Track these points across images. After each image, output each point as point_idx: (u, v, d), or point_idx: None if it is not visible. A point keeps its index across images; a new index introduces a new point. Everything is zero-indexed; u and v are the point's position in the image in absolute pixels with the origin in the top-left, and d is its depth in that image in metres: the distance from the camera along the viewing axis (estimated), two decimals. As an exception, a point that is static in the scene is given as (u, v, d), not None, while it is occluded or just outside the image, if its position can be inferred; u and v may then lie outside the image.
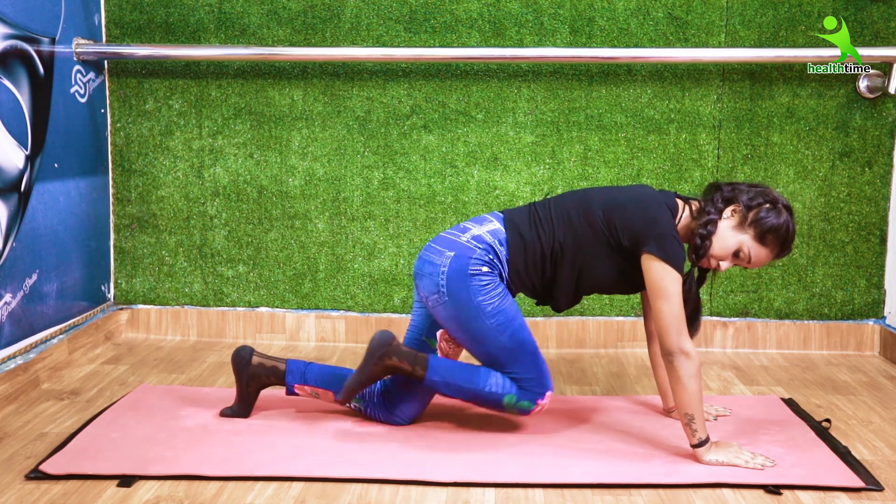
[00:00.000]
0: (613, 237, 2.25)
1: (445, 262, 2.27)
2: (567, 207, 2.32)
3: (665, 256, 2.16)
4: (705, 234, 2.21)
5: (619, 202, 2.28)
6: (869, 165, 3.21)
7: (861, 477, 2.10)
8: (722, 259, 2.24)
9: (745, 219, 2.20)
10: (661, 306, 2.15)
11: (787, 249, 2.23)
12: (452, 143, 3.24)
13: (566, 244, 2.28)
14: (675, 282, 2.15)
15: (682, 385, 2.13)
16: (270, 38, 3.22)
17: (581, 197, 2.34)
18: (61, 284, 2.95)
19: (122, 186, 3.32)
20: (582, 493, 2.04)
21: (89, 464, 2.11)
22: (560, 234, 2.29)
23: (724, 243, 2.22)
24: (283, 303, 3.34)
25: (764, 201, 2.21)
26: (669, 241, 2.18)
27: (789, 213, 2.21)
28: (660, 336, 2.16)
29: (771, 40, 3.16)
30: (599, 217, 2.27)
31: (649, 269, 2.18)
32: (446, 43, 3.18)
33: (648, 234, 2.19)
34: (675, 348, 2.13)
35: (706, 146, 3.21)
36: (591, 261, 2.28)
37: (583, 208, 2.30)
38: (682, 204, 2.31)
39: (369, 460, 2.17)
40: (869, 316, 3.28)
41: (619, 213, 2.26)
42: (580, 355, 3.21)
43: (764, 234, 2.19)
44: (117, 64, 3.26)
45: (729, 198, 2.23)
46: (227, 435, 2.32)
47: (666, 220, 2.22)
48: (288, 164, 3.27)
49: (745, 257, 2.22)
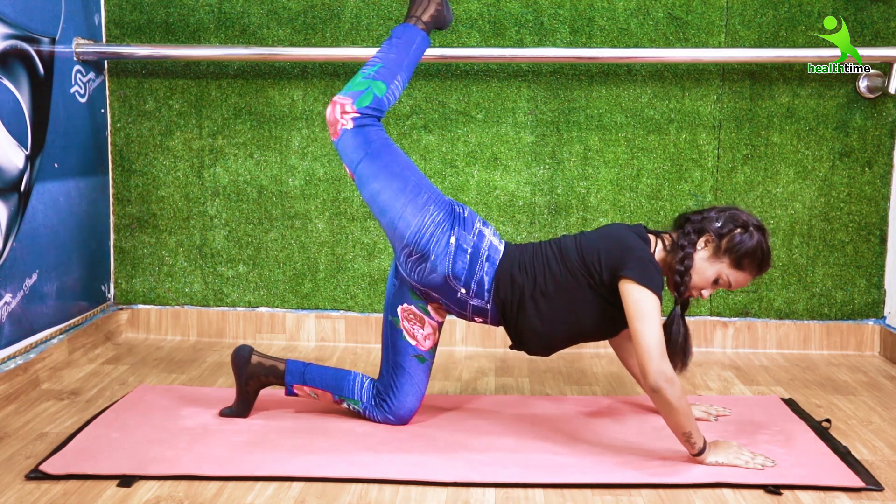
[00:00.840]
0: (593, 277, 2.24)
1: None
2: (546, 255, 2.32)
3: (642, 279, 2.15)
4: (683, 269, 2.22)
5: (591, 242, 2.29)
6: (869, 165, 3.21)
7: (861, 477, 2.10)
8: (703, 289, 2.26)
9: (719, 248, 2.21)
10: (640, 328, 2.12)
11: (766, 268, 2.25)
12: (452, 143, 3.24)
13: (548, 292, 2.28)
14: (654, 304, 2.14)
15: (674, 410, 2.10)
16: (270, 38, 3.23)
17: (557, 244, 2.34)
18: (61, 284, 2.95)
19: (122, 186, 3.32)
20: (582, 493, 2.04)
21: (89, 464, 2.11)
22: (542, 281, 2.28)
23: (702, 275, 2.23)
24: (283, 303, 3.34)
25: (734, 227, 2.21)
26: (646, 265, 2.17)
27: (761, 234, 2.22)
28: (641, 363, 2.12)
29: (771, 40, 3.16)
30: (576, 260, 2.27)
31: (627, 293, 2.16)
32: (446, 43, 3.19)
33: (625, 261, 2.19)
34: (659, 376, 2.08)
35: (706, 146, 3.22)
36: (575, 307, 2.27)
37: (560, 256, 2.30)
38: (654, 238, 2.32)
39: (369, 460, 2.17)
40: (869, 316, 3.28)
41: (593, 251, 2.26)
42: (580, 355, 3.21)
43: (739, 260, 2.21)
44: (117, 64, 3.26)
45: (699, 228, 2.24)
46: (227, 435, 2.32)
47: (640, 246, 2.22)
48: (288, 164, 3.27)
49: (724, 283, 2.24)
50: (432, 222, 2.28)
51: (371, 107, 2.34)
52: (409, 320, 2.37)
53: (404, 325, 2.37)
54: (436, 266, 2.27)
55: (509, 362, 3.12)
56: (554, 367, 3.05)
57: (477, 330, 3.27)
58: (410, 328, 2.37)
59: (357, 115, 2.32)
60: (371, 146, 2.31)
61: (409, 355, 2.37)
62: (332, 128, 2.34)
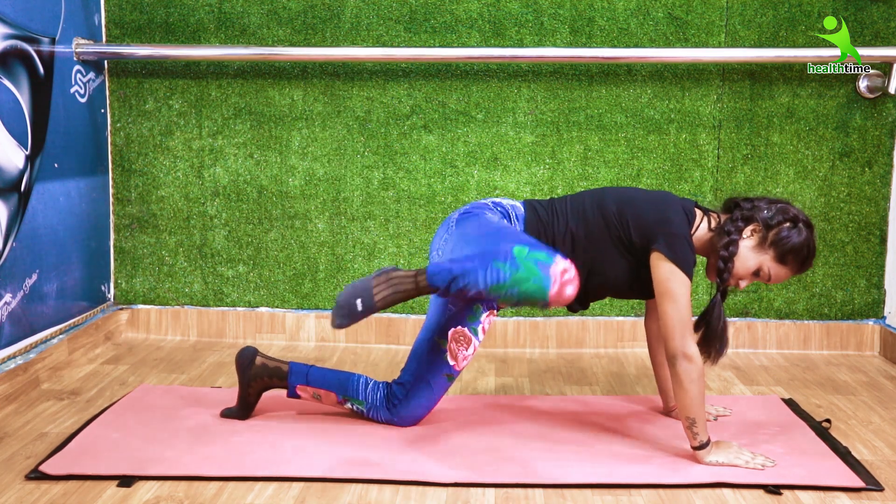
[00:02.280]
0: (625, 233, 2.22)
1: (462, 209, 2.33)
2: (583, 200, 2.31)
3: (674, 257, 2.13)
4: (727, 255, 2.18)
5: (634, 199, 2.26)
6: (869, 165, 3.21)
7: (861, 477, 2.10)
8: (742, 279, 2.23)
9: (765, 239, 2.18)
10: (667, 308, 2.13)
11: (808, 266, 2.22)
12: (452, 143, 3.24)
13: (577, 235, 2.25)
14: (683, 284, 2.13)
15: (684, 389, 2.12)
16: (270, 38, 3.23)
17: (598, 192, 2.33)
18: (61, 284, 2.95)
19: (122, 186, 3.32)
20: (582, 493, 2.04)
21: (89, 464, 2.11)
22: (573, 223, 2.26)
23: (744, 264, 2.20)
24: (283, 303, 3.34)
25: (784, 219, 2.18)
26: (680, 242, 2.15)
27: (810, 231, 2.19)
28: (665, 338, 2.15)
29: (771, 40, 3.16)
30: (612, 211, 2.25)
31: (657, 269, 2.16)
32: (446, 43, 3.19)
33: (659, 232, 2.17)
34: (679, 352, 2.12)
35: (706, 146, 3.22)
36: (602, 258, 2.25)
37: (597, 202, 2.28)
38: (702, 214, 2.28)
39: (369, 460, 2.17)
40: (869, 316, 3.28)
41: (632, 208, 2.23)
42: (580, 355, 3.21)
43: (784, 255, 2.18)
44: (117, 64, 3.26)
45: (748, 216, 2.20)
46: (227, 435, 2.32)
47: (679, 221, 2.19)
48: (288, 164, 3.27)
49: (764, 276, 2.21)
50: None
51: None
52: (458, 342, 2.33)
53: (451, 346, 2.33)
54: None
55: (509, 362, 3.12)
56: (554, 367, 3.05)
57: (477, 330, 3.27)
58: (456, 349, 2.33)
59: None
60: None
61: (442, 374, 2.34)
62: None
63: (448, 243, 2.27)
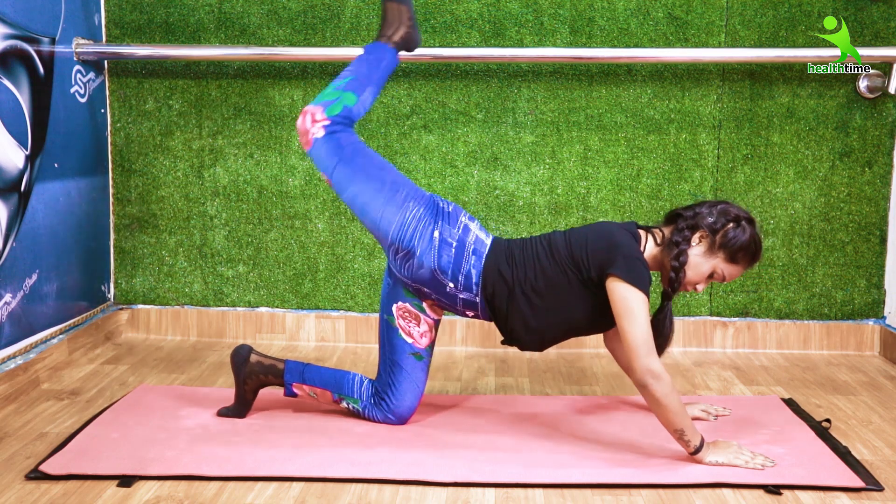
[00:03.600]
0: (581, 273, 2.25)
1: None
2: (536, 250, 2.33)
3: (629, 277, 2.16)
4: (678, 265, 2.24)
5: (581, 238, 2.30)
6: (869, 165, 3.21)
7: (861, 477, 2.10)
8: (698, 283, 2.29)
9: (714, 243, 2.24)
10: (627, 328, 2.14)
11: (758, 260, 2.29)
12: (452, 143, 3.24)
13: (538, 287, 2.28)
14: (641, 302, 2.15)
15: (662, 406, 2.12)
16: (270, 38, 3.23)
17: (546, 241, 2.35)
18: (61, 284, 2.95)
19: (122, 186, 3.32)
20: (582, 493, 2.04)
21: (89, 464, 2.11)
22: (532, 276, 2.29)
23: (697, 270, 2.26)
24: (283, 303, 3.34)
25: (727, 221, 2.24)
26: (633, 262, 2.18)
27: (752, 226, 2.25)
28: (629, 361, 2.15)
29: (771, 40, 3.16)
30: (565, 255, 2.28)
31: (614, 291, 2.18)
32: (446, 43, 3.19)
33: (612, 258, 2.20)
34: (646, 370, 2.11)
35: (706, 146, 3.22)
36: (565, 302, 2.28)
37: (549, 250, 2.31)
38: (644, 233, 2.33)
39: (369, 460, 2.17)
40: (869, 316, 3.28)
41: (581, 247, 2.27)
42: (580, 355, 3.21)
43: (734, 254, 2.24)
44: (117, 64, 3.26)
45: (693, 224, 2.25)
46: (227, 435, 2.32)
47: (628, 243, 2.23)
48: (288, 164, 3.27)
49: (719, 277, 2.28)
50: (413, 218, 2.29)
51: (341, 115, 2.35)
52: (405, 318, 2.38)
53: (399, 323, 2.38)
54: (422, 261, 2.28)
55: (509, 362, 3.12)
56: (554, 367, 3.05)
57: (477, 330, 3.27)
58: (406, 326, 2.38)
59: (327, 122, 2.33)
60: (343, 151, 2.32)
61: (406, 353, 2.37)
62: (304, 137, 2.35)
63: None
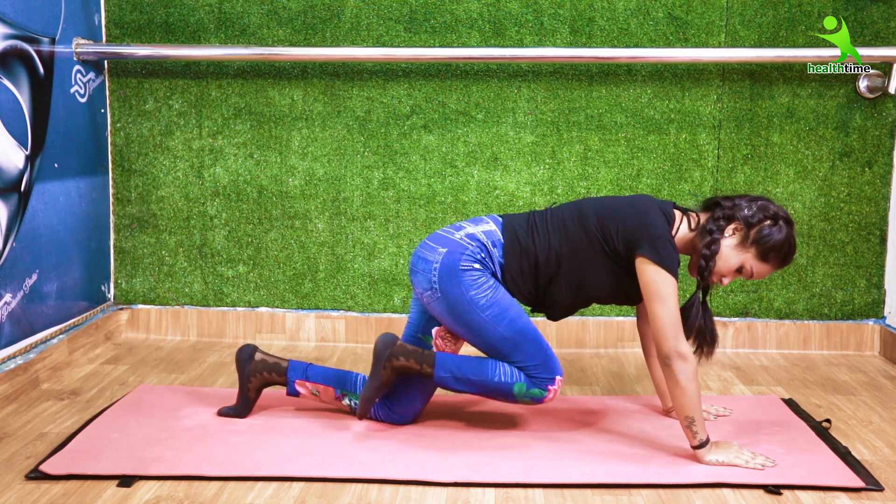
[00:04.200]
0: (609, 244, 2.24)
1: (437, 259, 2.28)
2: (563, 216, 2.32)
3: (659, 259, 2.15)
4: (709, 254, 2.21)
5: (613, 208, 2.28)
6: (869, 165, 3.21)
7: (861, 477, 2.10)
8: (725, 276, 2.25)
9: (747, 237, 2.21)
10: (656, 309, 2.15)
11: (789, 262, 2.25)
12: (452, 143, 3.24)
13: (563, 253, 2.27)
14: (670, 284, 2.15)
15: (680, 388, 2.13)
16: (270, 38, 3.23)
17: (576, 206, 2.34)
18: (61, 284, 2.95)
19: (122, 186, 3.32)
20: (582, 493, 2.04)
21: (89, 464, 2.11)
22: (556, 242, 2.28)
23: (726, 262, 2.22)
24: (283, 303, 3.34)
25: (764, 217, 2.20)
26: (663, 244, 2.17)
27: (790, 228, 2.21)
28: (656, 340, 2.16)
29: (771, 40, 3.16)
30: (594, 224, 2.26)
31: (643, 273, 2.18)
32: (446, 43, 3.19)
33: (642, 237, 2.19)
34: (673, 351, 2.13)
35: (706, 146, 3.22)
36: (587, 270, 2.28)
37: (578, 216, 2.29)
38: (681, 215, 2.30)
39: (369, 460, 2.17)
40: (869, 316, 3.28)
41: (612, 218, 2.25)
42: (580, 355, 3.21)
43: (766, 253, 2.20)
44: (117, 64, 3.26)
45: (729, 215, 2.22)
46: (227, 435, 2.32)
47: (660, 224, 2.21)
48: (288, 164, 3.27)
49: (747, 273, 2.24)
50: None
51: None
52: (444, 339, 2.36)
53: (437, 343, 2.36)
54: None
55: (509, 362, 3.12)
56: (554, 367, 3.05)
57: (477, 330, 3.27)
58: (443, 345, 2.36)
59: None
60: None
61: None
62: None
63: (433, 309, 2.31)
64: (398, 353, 2.28)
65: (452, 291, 2.25)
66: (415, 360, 2.29)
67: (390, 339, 2.30)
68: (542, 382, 2.25)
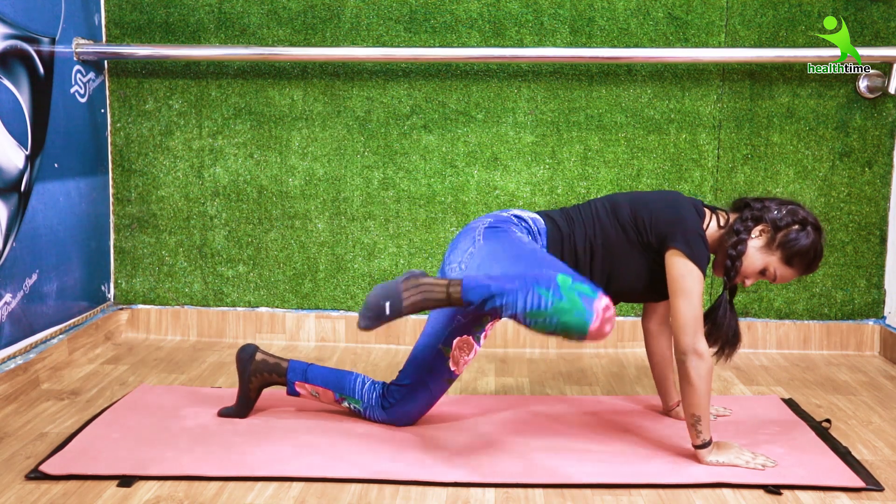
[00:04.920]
0: (641, 235, 2.24)
1: (485, 222, 2.27)
2: (596, 208, 2.32)
3: (690, 253, 2.15)
4: (736, 254, 2.20)
5: (646, 201, 2.28)
6: (869, 165, 3.21)
7: (861, 477, 2.10)
8: (748, 277, 2.25)
9: (773, 240, 2.20)
10: (680, 304, 2.14)
11: (814, 269, 2.24)
12: (452, 143, 3.24)
13: (596, 244, 2.27)
14: (698, 280, 2.14)
15: (692, 385, 2.13)
16: (270, 38, 3.23)
17: (610, 200, 2.34)
18: (61, 284, 2.95)
19: (122, 186, 3.32)
20: (582, 493, 2.04)
21: (89, 464, 2.11)
22: (591, 233, 2.28)
23: (751, 263, 2.22)
24: (283, 303, 3.34)
25: (793, 221, 2.20)
26: (696, 239, 2.17)
27: (818, 234, 2.20)
28: (676, 335, 2.16)
29: (771, 40, 3.16)
30: (627, 215, 2.26)
31: (672, 265, 2.17)
32: (446, 43, 3.19)
33: (675, 231, 2.18)
34: (690, 348, 2.13)
35: (706, 146, 3.22)
36: (621, 262, 2.27)
37: (611, 208, 2.30)
38: (710, 213, 2.30)
39: (369, 460, 2.17)
40: (869, 316, 3.28)
41: (646, 210, 2.25)
42: (580, 355, 3.21)
43: (791, 257, 2.20)
44: (117, 64, 3.26)
45: (758, 216, 2.22)
46: (227, 435, 2.32)
47: (693, 219, 2.21)
48: (288, 164, 3.27)
49: (770, 276, 2.23)
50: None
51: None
52: (461, 349, 2.33)
53: (454, 353, 2.33)
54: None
55: (509, 362, 3.12)
56: (554, 367, 3.05)
57: (477, 330, 3.27)
58: (458, 356, 2.33)
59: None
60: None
61: (443, 378, 2.35)
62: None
63: (474, 258, 2.18)
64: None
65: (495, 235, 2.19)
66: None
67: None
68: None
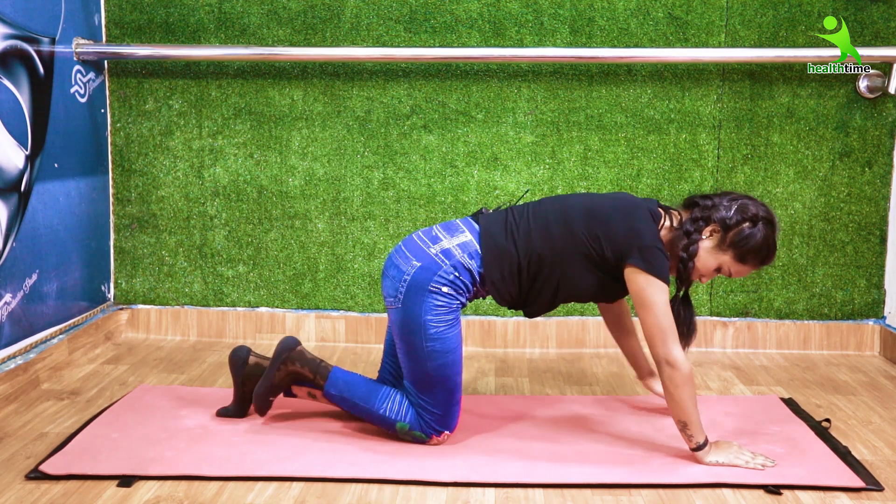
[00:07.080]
0: (596, 250, 2.21)
1: (410, 272, 2.23)
2: (546, 217, 2.26)
3: (649, 268, 2.13)
4: (687, 256, 2.19)
5: (601, 212, 2.23)
6: (869, 165, 3.21)
7: (861, 477, 2.10)
8: (703, 275, 2.25)
9: (724, 240, 2.19)
10: (646, 317, 2.13)
11: (769, 262, 2.22)
12: (452, 143, 3.24)
13: (544, 255, 2.23)
14: (661, 290, 2.13)
15: (670, 394, 2.13)
16: (270, 38, 3.23)
17: (561, 206, 2.28)
18: (61, 284, 2.95)
19: (122, 186, 3.32)
20: (582, 493, 2.04)
21: (89, 464, 2.11)
22: (538, 244, 2.23)
23: (704, 263, 2.22)
24: (283, 303, 3.34)
25: (742, 219, 2.17)
26: (653, 253, 2.15)
27: (770, 228, 2.18)
28: (649, 346, 2.16)
29: (771, 40, 3.16)
30: (580, 228, 2.22)
31: (633, 282, 2.15)
32: (446, 43, 3.19)
33: (632, 246, 2.16)
34: (662, 359, 2.12)
35: (706, 146, 3.22)
36: (570, 272, 2.24)
37: (563, 218, 2.24)
38: (664, 213, 2.27)
39: (369, 460, 2.17)
40: (869, 316, 3.28)
41: (600, 224, 2.21)
42: (580, 355, 3.21)
43: (744, 256, 2.19)
44: (117, 64, 3.26)
45: (707, 216, 2.20)
46: (227, 435, 2.32)
47: (649, 231, 2.18)
48: (288, 164, 3.27)
49: (725, 273, 2.24)
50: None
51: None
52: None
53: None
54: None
55: (509, 362, 3.12)
56: (554, 367, 3.05)
57: (477, 330, 3.27)
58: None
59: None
60: None
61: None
62: None
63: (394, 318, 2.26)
64: (296, 357, 2.35)
65: (413, 308, 2.21)
66: (310, 368, 2.36)
67: (292, 342, 2.37)
68: (429, 430, 2.27)
